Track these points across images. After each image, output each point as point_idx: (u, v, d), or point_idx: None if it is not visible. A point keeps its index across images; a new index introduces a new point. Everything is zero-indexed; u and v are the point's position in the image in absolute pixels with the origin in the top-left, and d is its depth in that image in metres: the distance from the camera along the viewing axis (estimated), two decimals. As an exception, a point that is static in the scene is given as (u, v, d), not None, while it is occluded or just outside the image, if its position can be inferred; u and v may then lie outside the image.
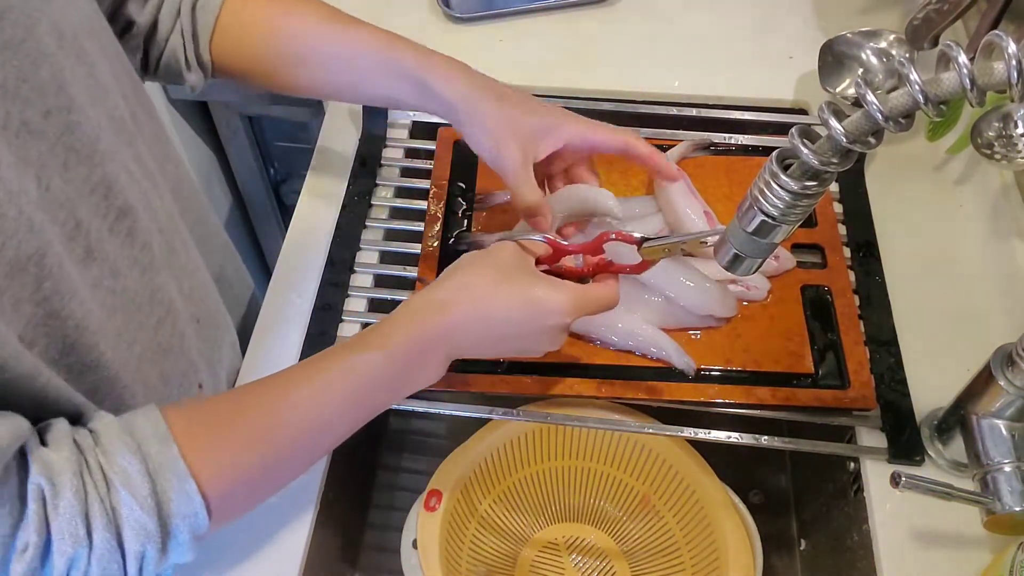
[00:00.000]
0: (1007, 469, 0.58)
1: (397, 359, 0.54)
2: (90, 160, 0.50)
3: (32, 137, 0.45)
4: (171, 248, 0.61)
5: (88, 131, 0.49)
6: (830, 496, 0.77)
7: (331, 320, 0.73)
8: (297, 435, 0.52)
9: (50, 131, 0.46)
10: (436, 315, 0.55)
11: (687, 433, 0.68)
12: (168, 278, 0.59)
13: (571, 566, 0.79)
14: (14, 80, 0.44)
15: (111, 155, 0.52)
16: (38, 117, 0.45)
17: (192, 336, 0.64)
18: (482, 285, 0.57)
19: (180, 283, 0.62)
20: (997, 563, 0.59)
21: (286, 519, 0.65)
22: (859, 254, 0.76)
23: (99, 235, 0.51)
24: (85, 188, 0.50)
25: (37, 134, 0.45)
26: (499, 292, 0.56)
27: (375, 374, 0.54)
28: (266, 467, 0.52)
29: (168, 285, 0.59)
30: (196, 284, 0.66)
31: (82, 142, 0.49)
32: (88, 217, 0.50)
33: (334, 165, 0.84)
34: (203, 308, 0.67)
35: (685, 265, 0.71)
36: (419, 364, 0.56)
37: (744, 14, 0.98)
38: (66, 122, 0.48)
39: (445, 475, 0.70)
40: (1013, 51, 0.36)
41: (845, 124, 0.42)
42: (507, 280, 0.57)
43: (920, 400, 0.68)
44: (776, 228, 0.48)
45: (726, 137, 0.83)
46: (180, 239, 0.63)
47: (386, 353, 0.54)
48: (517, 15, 0.97)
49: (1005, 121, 0.78)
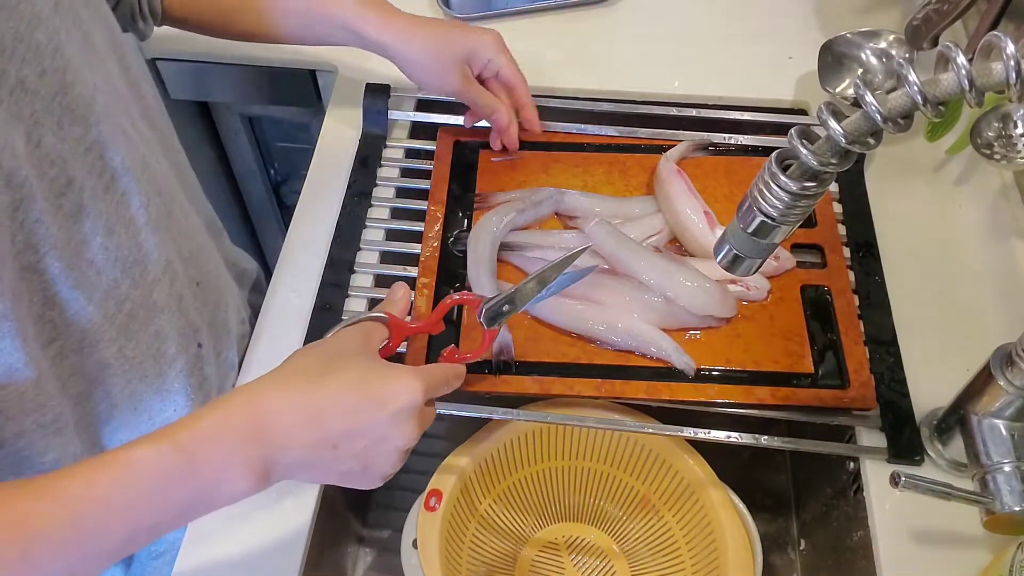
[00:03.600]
0: (1007, 469, 0.58)
1: (188, 454, 0.45)
2: (85, 120, 0.50)
3: (26, 95, 0.46)
4: (169, 211, 0.61)
5: (83, 92, 0.50)
6: (830, 496, 0.77)
7: (331, 320, 0.73)
8: (53, 536, 0.41)
9: (44, 90, 0.47)
10: (245, 405, 0.46)
11: (687, 433, 0.68)
12: (165, 239, 0.60)
13: (571, 566, 0.79)
14: (11, 39, 0.44)
15: (107, 117, 0.52)
16: (34, 76, 0.46)
17: (190, 297, 0.64)
18: (308, 372, 0.49)
19: (179, 245, 0.63)
20: (997, 563, 0.59)
21: (286, 519, 0.65)
22: (859, 254, 0.76)
23: (93, 193, 0.52)
24: (79, 147, 0.50)
25: (32, 92, 0.46)
26: (328, 378, 0.48)
27: (157, 470, 0.44)
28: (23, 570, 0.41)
29: (165, 246, 0.60)
30: (195, 247, 0.66)
31: (77, 103, 0.50)
32: (82, 175, 0.51)
33: (334, 165, 0.84)
34: (203, 271, 0.67)
35: (685, 265, 0.71)
36: (221, 464, 0.45)
37: (744, 14, 0.98)
38: (62, 82, 0.48)
39: (445, 475, 0.70)
40: (1012, 52, 0.36)
41: (844, 125, 0.42)
42: (339, 366, 0.49)
43: (920, 400, 0.68)
44: (776, 228, 0.48)
45: (726, 137, 0.83)
46: (179, 204, 0.64)
47: (175, 445, 0.44)
48: (517, 15, 0.97)
49: (1004, 121, 0.78)
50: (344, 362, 0.50)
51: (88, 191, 0.52)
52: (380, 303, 0.60)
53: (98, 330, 0.55)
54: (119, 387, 0.60)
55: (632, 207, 0.78)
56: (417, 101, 0.86)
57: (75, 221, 0.51)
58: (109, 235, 0.54)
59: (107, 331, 0.56)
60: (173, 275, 0.61)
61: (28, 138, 0.46)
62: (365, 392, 0.48)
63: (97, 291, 0.54)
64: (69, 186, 0.50)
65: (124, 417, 0.62)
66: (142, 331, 0.59)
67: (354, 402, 0.48)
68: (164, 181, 0.61)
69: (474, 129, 0.82)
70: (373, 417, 0.48)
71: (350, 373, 0.49)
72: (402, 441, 0.50)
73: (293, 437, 0.47)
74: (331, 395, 0.47)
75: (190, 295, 0.64)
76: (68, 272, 0.51)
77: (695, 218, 0.74)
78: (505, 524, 0.78)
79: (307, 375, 0.48)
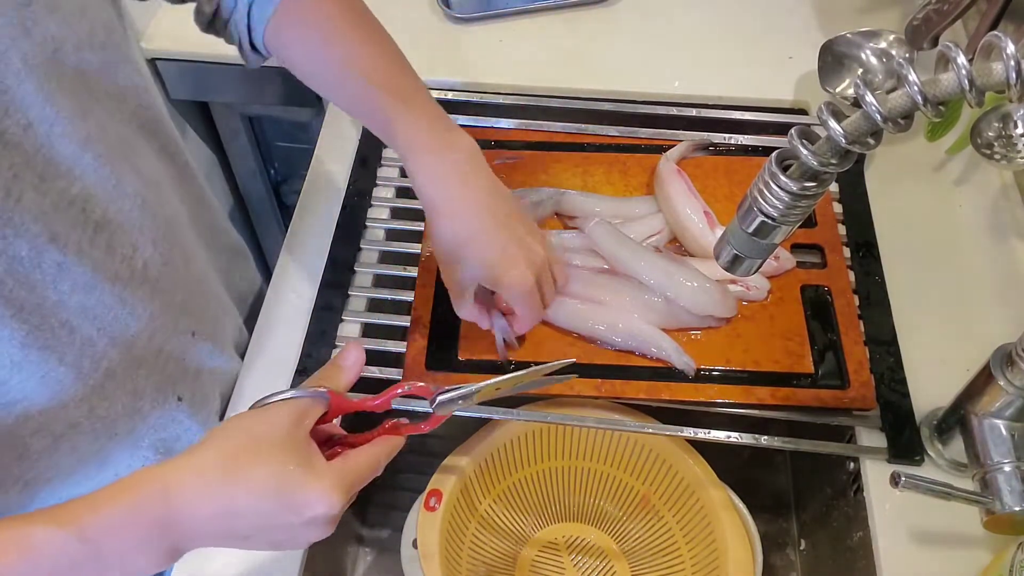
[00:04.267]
0: (1007, 469, 0.58)
1: (93, 544, 0.43)
2: (71, 173, 0.49)
3: (5, 148, 0.45)
4: (165, 260, 0.59)
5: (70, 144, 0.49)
6: (830, 496, 0.77)
7: (331, 320, 0.73)
8: None
9: (28, 143, 0.46)
10: (157, 496, 0.44)
11: (687, 433, 0.68)
12: (154, 292, 0.58)
13: (571, 566, 0.79)
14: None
15: (96, 168, 0.51)
16: (17, 128, 0.45)
17: (179, 349, 0.63)
18: (226, 462, 0.46)
19: (172, 297, 0.61)
20: (997, 563, 0.59)
21: (286, 519, 0.64)
22: (859, 254, 0.76)
23: (78, 247, 0.51)
24: (63, 201, 0.49)
25: (12, 145, 0.45)
26: (246, 473, 0.45)
27: (58, 559, 0.42)
28: None
29: (152, 299, 0.58)
30: (194, 296, 0.64)
31: (63, 155, 0.48)
32: (65, 230, 0.49)
33: (334, 165, 0.84)
34: (201, 319, 0.66)
35: (685, 265, 0.71)
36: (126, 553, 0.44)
37: (744, 14, 0.98)
38: (49, 134, 0.47)
39: (445, 475, 0.70)
40: (1012, 52, 0.36)
41: (844, 125, 0.42)
42: (259, 460, 0.46)
43: (920, 400, 0.68)
44: (776, 229, 0.48)
45: (726, 137, 0.83)
46: (180, 250, 0.62)
47: (78, 533, 0.42)
48: (517, 15, 0.97)
49: (1004, 121, 0.78)
50: (265, 455, 0.46)
51: (72, 246, 0.50)
52: (325, 366, 0.54)
53: (68, 390, 0.53)
54: (86, 444, 0.58)
55: (632, 207, 0.78)
56: (417, 101, 0.86)
57: (53, 282, 0.49)
58: (88, 293, 0.52)
59: (79, 391, 0.54)
60: (156, 329, 0.59)
61: (7, 193, 0.45)
62: (280, 499, 0.46)
63: (70, 351, 0.52)
64: (53, 242, 0.48)
65: (88, 471, 0.60)
66: (119, 390, 0.57)
67: (268, 508, 0.46)
68: (164, 227, 0.59)
69: (474, 128, 0.82)
70: (286, 521, 0.46)
71: (269, 471, 0.46)
72: (315, 537, 0.48)
73: (203, 529, 0.46)
74: (245, 496, 0.45)
75: (177, 348, 0.62)
76: (36, 334, 0.49)
77: (695, 218, 0.74)
78: (505, 524, 0.78)
79: (224, 468, 0.46)
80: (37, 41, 0.45)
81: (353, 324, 0.73)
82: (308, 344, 0.71)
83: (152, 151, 0.59)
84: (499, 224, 0.61)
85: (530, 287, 0.61)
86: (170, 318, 0.61)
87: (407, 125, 0.60)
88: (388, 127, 0.61)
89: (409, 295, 0.73)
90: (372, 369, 0.68)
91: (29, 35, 0.45)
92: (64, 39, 0.48)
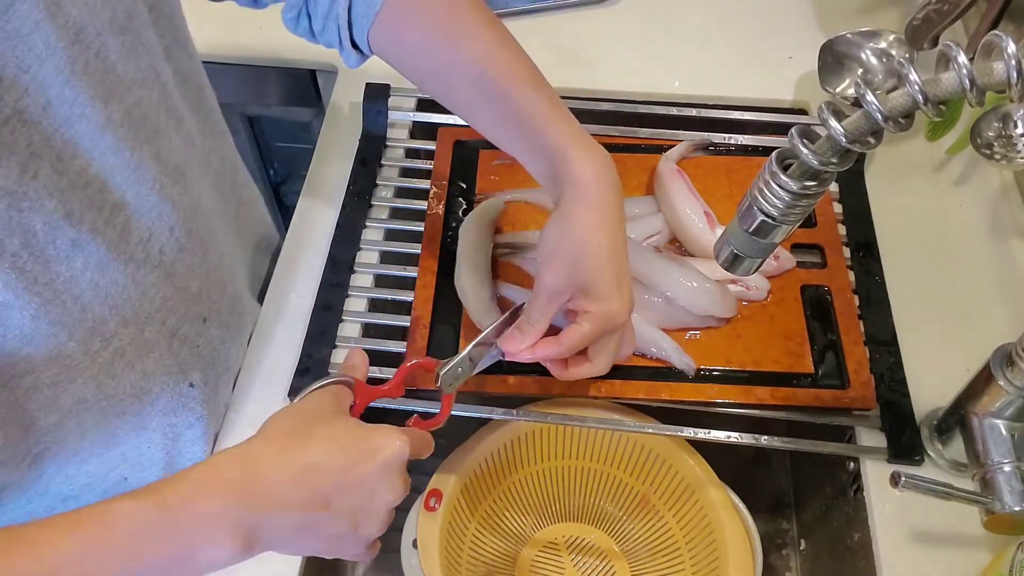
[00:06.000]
0: (1007, 469, 0.58)
1: (170, 509, 0.43)
2: (89, 153, 0.50)
3: (24, 126, 0.45)
4: (182, 246, 0.59)
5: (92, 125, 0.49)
6: (830, 496, 0.77)
7: (331, 320, 0.73)
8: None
9: (47, 122, 0.47)
10: (235, 458, 0.46)
11: (687, 433, 0.68)
12: (168, 276, 0.59)
13: (571, 566, 0.79)
14: (13, 69, 0.44)
15: (119, 150, 0.52)
16: (36, 107, 0.46)
17: (191, 336, 0.63)
18: (291, 433, 0.48)
19: (187, 282, 0.61)
20: (997, 563, 0.59)
21: (286, 519, 0.64)
22: (859, 254, 0.76)
23: (93, 226, 0.51)
24: (80, 180, 0.50)
25: (31, 124, 0.46)
26: (314, 434, 0.48)
27: (134, 527, 0.43)
28: None
29: (166, 283, 0.59)
30: (212, 282, 0.64)
31: (82, 135, 0.49)
32: (80, 209, 0.50)
33: (334, 165, 0.84)
34: (215, 307, 0.66)
35: (685, 265, 0.71)
36: (204, 522, 0.44)
37: (744, 14, 0.98)
38: (68, 115, 0.48)
39: (445, 475, 0.69)
40: (1012, 51, 0.36)
41: (845, 124, 0.42)
42: (321, 424, 0.49)
43: (920, 400, 0.68)
44: (776, 228, 0.48)
45: (726, 137, 0.83)
46: (199, 238, 0.62)
47: (157, 500, 0.43)
48: (517, 15, 0.97)
49: (1005, 121, 0.78)
50: (325, 421, 0.50)
51: (87, 224, 0.50)
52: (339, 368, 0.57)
53: (77, 366, 0.53)
54: (92, 421, 0.58)
55: (632, 207, 0.78)
56: (417, 101, 0.86)
57: (67, 258, 0.50)
58: (102, 272, 0.53)
59: (87, 368, 0.54)
60: (168, 313, 0.59)
61: (24, 168, 0.45)
62: (354, 446, 0.48)
63: (80, 328, 0.52)
64: (67, 219, 0.49)
65: (95, 449, 0.60)
66: (128, 370, 0.57)
67: (344, 456, 0.47)
68: (183, 214, 0.59)
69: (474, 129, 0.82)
70: (363, 470, 0.48)
71: (335, 428, 0.49)
72: (391, 495, 0.50)
73: (285, 494, 0.46)
74: (321, 450, 0.47)
75: (191, 333, 0.62)
76: (48, 307, 0.49)
77: (695, 218, 0.74)
78: (505, 524, 0.78)
79: (291, 435, 0.48)
80: (60, 25, 0.46)
81: (353, 324, 0.73)
82: (308, 344, 0.71)
83: (180, 138, 0.59)
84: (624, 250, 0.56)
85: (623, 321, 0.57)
86: (184, 304, 0.61)
87: (562, 121, 0.57)
88: (537, 123, 0.57)
89: (409, 295, 0.73)
90: (372, 369, 0.68)
91: (52, 19, 0.45)
92: (86, 24, 0.48)
